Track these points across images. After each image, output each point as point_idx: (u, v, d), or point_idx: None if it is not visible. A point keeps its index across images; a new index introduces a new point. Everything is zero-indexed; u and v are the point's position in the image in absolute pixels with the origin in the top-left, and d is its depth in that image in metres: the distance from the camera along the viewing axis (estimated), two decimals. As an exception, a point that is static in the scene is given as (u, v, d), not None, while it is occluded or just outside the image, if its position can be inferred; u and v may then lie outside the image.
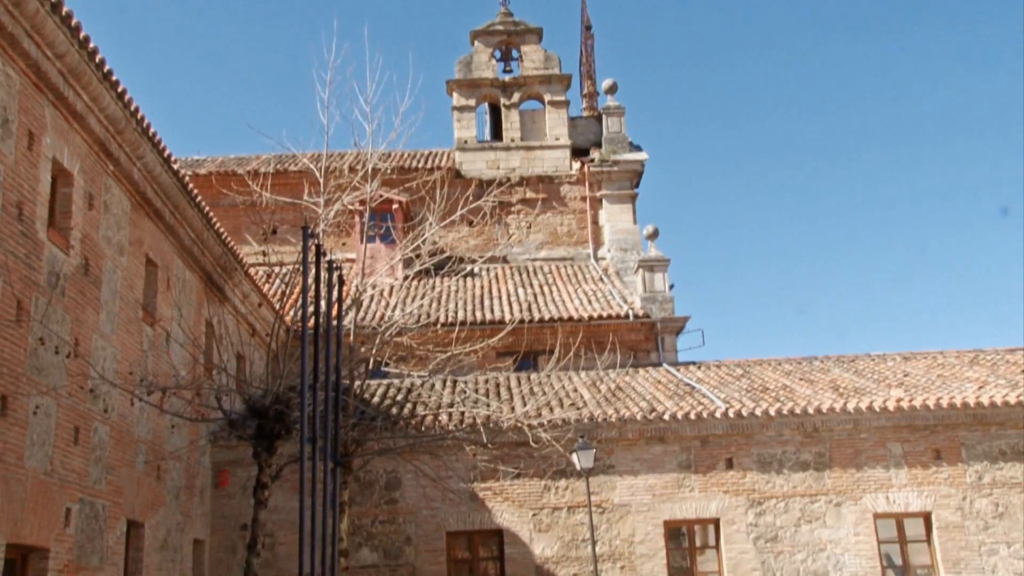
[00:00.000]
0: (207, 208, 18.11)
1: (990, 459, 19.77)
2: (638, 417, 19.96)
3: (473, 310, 26.07)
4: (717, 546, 19.81)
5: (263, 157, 29.13)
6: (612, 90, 32.38)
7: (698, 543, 20.11)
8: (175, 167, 16.18)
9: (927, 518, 19.68)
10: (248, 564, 10.04)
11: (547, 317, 25.25)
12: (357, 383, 13.86)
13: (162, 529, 16.71)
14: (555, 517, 19.73)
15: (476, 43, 32.92)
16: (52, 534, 12.46)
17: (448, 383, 20.96)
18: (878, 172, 66.16)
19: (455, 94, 32.48)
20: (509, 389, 22.26)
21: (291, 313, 20.23)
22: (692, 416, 19.94)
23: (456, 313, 24.81)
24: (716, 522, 19.77)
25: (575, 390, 22.51)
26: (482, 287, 28.27)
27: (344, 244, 26.13)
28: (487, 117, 33.85)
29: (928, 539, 19.70)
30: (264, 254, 16.61)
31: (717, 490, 19.80)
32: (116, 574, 14.64)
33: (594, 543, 18.76)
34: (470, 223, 22.67)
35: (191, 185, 17.17)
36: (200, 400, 12.87)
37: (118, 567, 14.74)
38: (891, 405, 19.87)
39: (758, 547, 19.45)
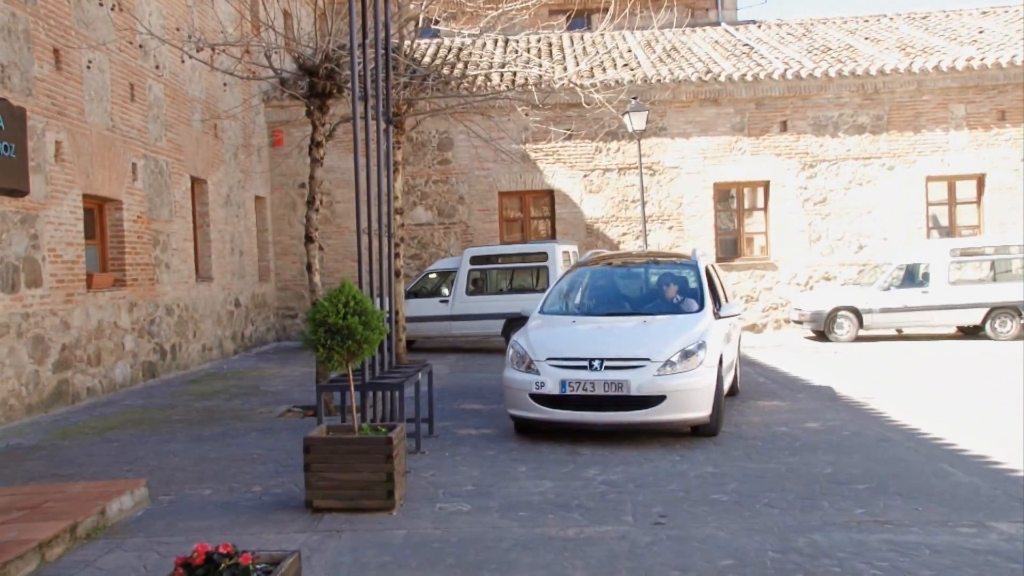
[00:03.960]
0: None
1: (1058, 118, 19.20)
2: (693, 78, 19.50)
3: (524, -36, 24.80)
4: (765, 208, 20.10)
5: None
6: None
7: (746, 205, 20.40)
8: None
9: (980, 180, 19.58)
10: (308, 219, 10.41)
11: (602, -28, 24.02)
12: (407, 42, 13.46)
13: (224, 186, 17.32)
14: (606, 178, 19.98)
15: None
16: (123, 187, 13.01)
17: (499, 42, 20.44)
18: None
19: None
20: (562, 49, 21.69)
21: (335, -33, 19.39)
22: (748, 78, 19.43)
23: (506, -32, 23.62)
24: (766, 185, 19.90)
25: (629, 50, 21.88)
26: (534, -61, 26.68)
27: None
28: None
29: (979, 200, 19.74)
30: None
31: (769, 153, 19.73)
32: (186, 226, 15.43)
33: (644, 203, 19.11)
34: None
35: None
36: (250, 58, 12.70)
37: (187, 220, 15.51)
38: (959, 64, 19.08)
39: (806, 209, 19.70)
